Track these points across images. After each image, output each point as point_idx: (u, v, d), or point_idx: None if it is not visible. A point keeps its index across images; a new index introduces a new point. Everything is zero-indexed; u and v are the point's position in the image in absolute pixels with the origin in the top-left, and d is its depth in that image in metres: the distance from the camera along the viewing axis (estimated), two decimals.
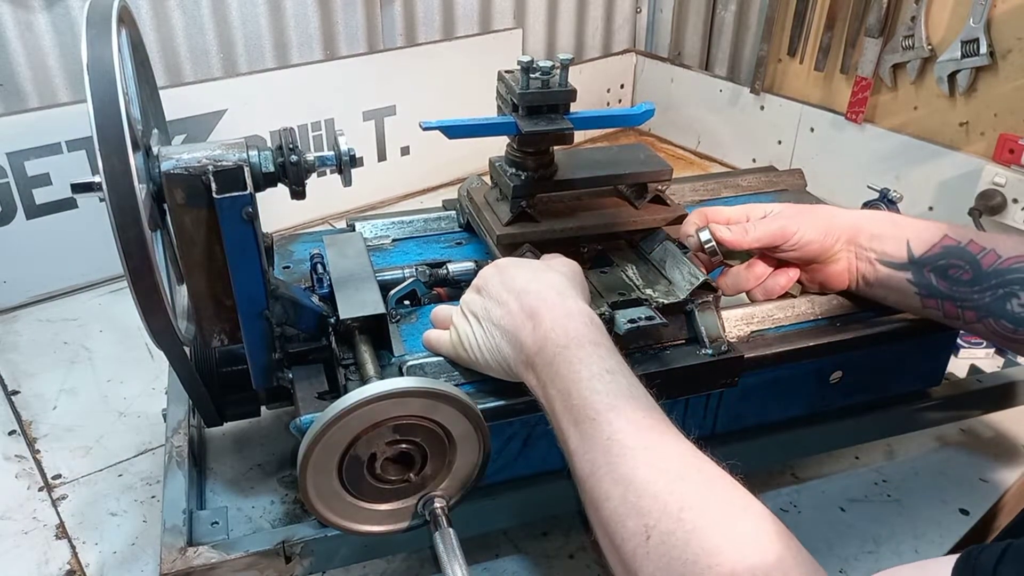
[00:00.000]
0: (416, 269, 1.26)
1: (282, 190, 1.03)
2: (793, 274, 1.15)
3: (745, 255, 1.16)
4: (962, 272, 1.00)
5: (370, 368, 1.03)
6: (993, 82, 1.95)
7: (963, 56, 1.95)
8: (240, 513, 1.27)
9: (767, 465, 1.39)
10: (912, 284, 1.03)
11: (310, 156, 1.02)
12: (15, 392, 1.59)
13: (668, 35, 2.89)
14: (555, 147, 1.25)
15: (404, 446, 0.94)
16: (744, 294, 1.20)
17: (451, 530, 0.95)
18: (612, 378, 0.82)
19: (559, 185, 1.27)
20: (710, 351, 1.14)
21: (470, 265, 1.28)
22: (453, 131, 1.20)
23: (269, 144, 1.02)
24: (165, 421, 1.32)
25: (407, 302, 1.21)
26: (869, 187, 1.54)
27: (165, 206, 0.97)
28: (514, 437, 1.11)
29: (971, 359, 1.61)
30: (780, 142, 2.50)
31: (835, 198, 1.75)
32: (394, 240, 1.41)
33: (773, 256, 1.13)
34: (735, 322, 1.20)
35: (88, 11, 0.92)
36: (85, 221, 1.84)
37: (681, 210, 1.30)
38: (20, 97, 1.84)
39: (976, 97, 2.00)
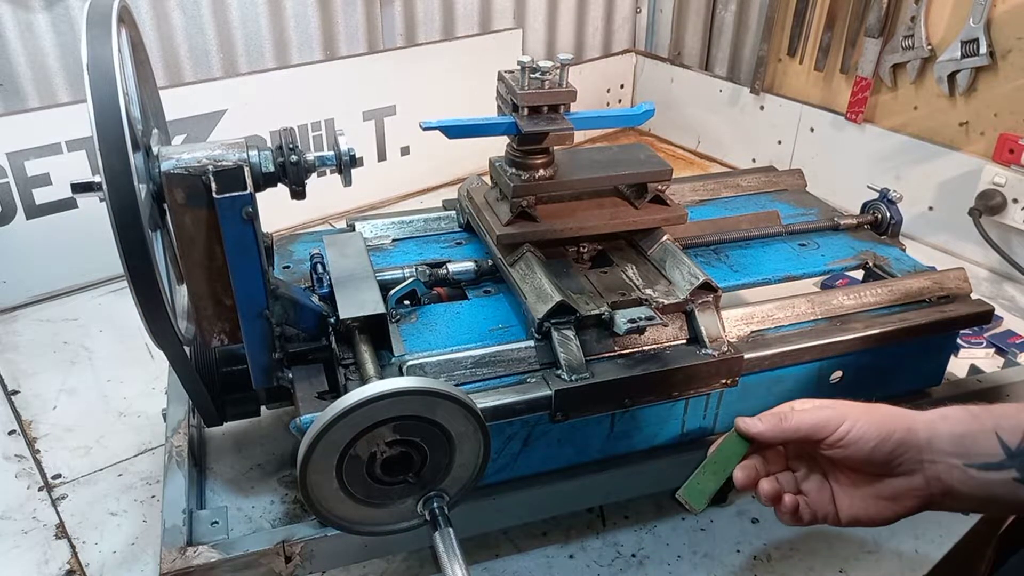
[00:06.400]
0: (416, 269, 1.26)
1: (282, 190, 1.04)
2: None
3: None
4: None
5: (370, 368, 1.03)
6: (993, 82, 1.96)
7: (963, 56, 1.95)
8: (240, 513, 1.27)
9: None
10: (1021, 482, 0.82)
11: (310, 156, 1.02)
12: (15, 392, 1.59)
13: (668, 35, 2.89)
14: (555, 147, 1.26)
15: (404, 446, 0.94)
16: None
17: (451, 530, 0.95)
18: None
19: (559, 185, 1.27)
20: (710, 351, 1.14)
21: (470, 265, 1.28)
22: (453, 131, 1.20)
23: (269, 144, 1.02)
24: (165, 421, 1.32)
25: (407, 302, 1.21)
26: (869, 187, 1.55)
27: (165, 206, 0.97)
28: (514, 437, 1.11)
29: (971, 359, 1.61)
30: (780, 142, 2.50)
31: (835, 198, 1.75)
32: (394, 240, 1.41)
33: (814, 458, 0.91)
34: (735, 322, 1.20)
35: (88, 11, 0.92)
36: (85, 221, 1.84)
37: (681, 210, 1.31)
38: (20, 97, 1.84)
39: (976, 97, 2.00)
